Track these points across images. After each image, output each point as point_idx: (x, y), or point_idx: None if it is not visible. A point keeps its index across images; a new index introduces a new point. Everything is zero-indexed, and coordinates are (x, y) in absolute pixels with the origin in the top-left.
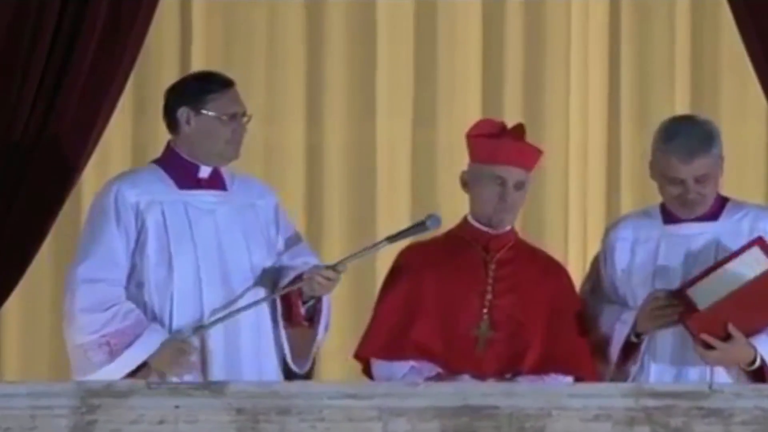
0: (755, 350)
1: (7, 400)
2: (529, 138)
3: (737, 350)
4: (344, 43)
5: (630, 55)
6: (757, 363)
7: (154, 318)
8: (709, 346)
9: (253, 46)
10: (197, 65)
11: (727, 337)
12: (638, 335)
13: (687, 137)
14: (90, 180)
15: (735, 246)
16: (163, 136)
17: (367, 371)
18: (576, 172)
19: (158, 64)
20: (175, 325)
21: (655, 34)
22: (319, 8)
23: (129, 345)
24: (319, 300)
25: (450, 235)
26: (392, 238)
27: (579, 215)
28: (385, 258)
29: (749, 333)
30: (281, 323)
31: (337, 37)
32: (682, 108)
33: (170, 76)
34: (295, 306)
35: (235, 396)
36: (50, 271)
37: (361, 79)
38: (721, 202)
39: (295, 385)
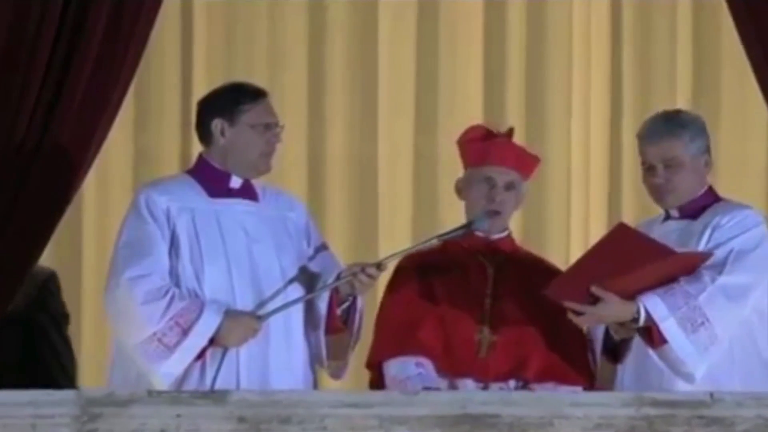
0: (637, 308)
1: (7, 408)
2: (531, 139)
3: (608, 310)
4: (346, 45)
5: (632, 55)
6: (642, 321)
7: None
8: (579, 313)
9: (254, 49)
10: (198, 69)
11: (596, 300)
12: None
13: (656, 121)
14: (91, 186)
15: (690, 244)
16: (165, 141)
17: (376, 383)
18: (578, 173)
19: (159, 68)
20: None
21: (656, 35)
22: (321, 12)
23: (197, 319)
24: (353, 303)
25: (448, 242)
26: (441, 237)
27: (581, 215)
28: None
29: (629, 294)
30: (322, 328)
31: (339, 38)
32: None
33: (172, 80)
34: (333, 311)
35: (236, 405)
36: None
37: (362, 81)
38: (710, 202)
39: (297, 394)
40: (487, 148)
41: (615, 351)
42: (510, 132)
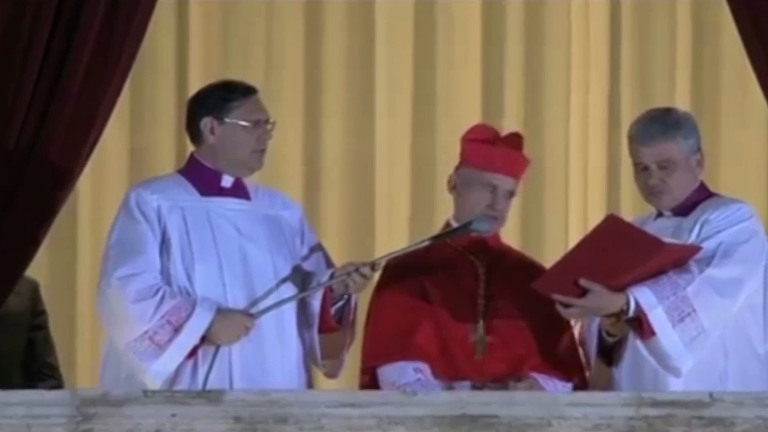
0: (626, 299)
1: (2, 408)
2: (530, 139)
3: (597, 301)
4: (343, 44)
5: (631, 56)
6: (631, 311)
7: None
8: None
9: (250, 48)
10: (194, 69)
11: (585, 293)
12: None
13: (650, 122)
14: (86, 185)
15: (682, 240)
16: (160, 140)
17: (370, 386)
18: (576, 172)
19: (154, 69)
20: None
21: (655, 36)
22: (317, 12)
23: (189, 317)
24: (347, 301)
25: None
26: (437, 238)
27: (579, 214)
28: None
29: (618, 286)
30: (316, 327)
31: (336, 38)
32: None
33: (167, 80)
34: (326, 310)
35: (232, 404)
36: (45, 279)
37: (359, 82)
38: (701, 198)
39: (293, 394)
40: (493, 155)
41: (610, 353)
42: (518, 140)
